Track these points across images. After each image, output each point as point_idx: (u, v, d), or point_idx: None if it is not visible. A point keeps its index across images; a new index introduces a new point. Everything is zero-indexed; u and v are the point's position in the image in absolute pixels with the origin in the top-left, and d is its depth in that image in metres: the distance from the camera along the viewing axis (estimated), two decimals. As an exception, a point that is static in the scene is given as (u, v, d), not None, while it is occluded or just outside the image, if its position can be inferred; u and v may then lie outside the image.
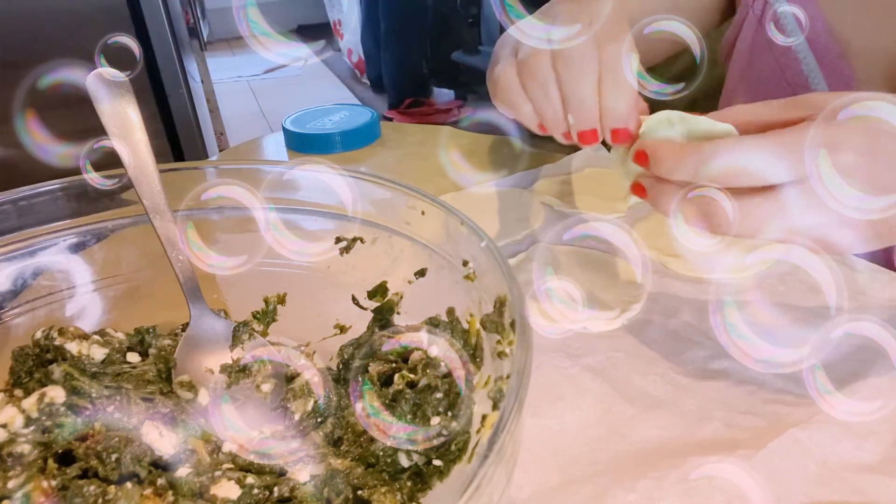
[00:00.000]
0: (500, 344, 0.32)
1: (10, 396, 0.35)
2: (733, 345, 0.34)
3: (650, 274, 0.52)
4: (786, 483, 0.35)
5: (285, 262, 0.39)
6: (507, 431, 0.24)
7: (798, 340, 0.33)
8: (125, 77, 0.35)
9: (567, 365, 0.44)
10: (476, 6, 2.86)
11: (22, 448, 0.31)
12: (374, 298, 0.40)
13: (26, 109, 0.35)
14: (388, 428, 0.30)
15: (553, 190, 0.67)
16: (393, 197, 0.38)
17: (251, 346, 0.38)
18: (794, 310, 0.48)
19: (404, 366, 0.36)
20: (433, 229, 0.37)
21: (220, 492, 0.29)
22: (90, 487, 0.29)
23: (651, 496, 0.35)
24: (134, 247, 0.41)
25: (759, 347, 0.34)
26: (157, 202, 0.35)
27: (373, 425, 0.31)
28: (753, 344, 0.34)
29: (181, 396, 0.35)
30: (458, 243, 0.35)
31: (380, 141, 0.83)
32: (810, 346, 0.33)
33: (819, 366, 0.34)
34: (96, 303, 0.41)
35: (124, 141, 0.34)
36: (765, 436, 0.38)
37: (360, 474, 0.30)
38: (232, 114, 2.23)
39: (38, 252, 0.39)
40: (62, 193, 0.39)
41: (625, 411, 0.41)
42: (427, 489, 0.30)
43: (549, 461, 0.38)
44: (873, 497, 0.34)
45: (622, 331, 0.48)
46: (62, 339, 0.36)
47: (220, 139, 1.84)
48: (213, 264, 0.36)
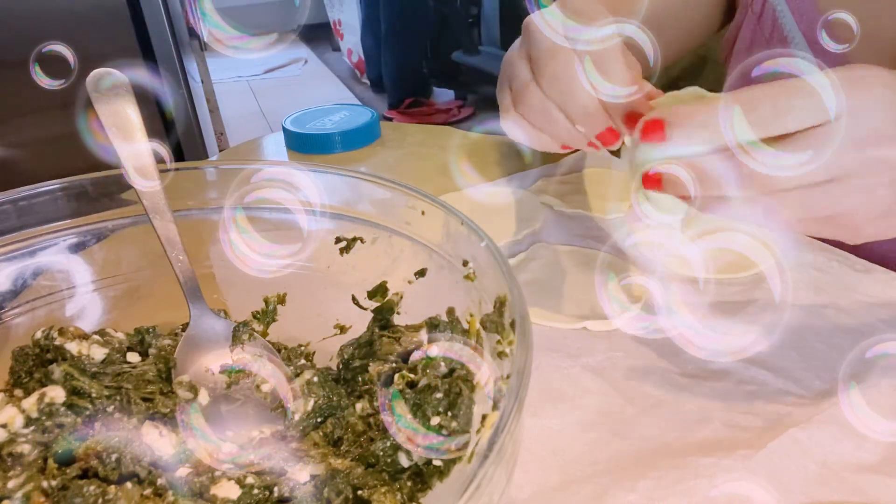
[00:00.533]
0: (500, 344, 0.32)
1: (10, 396, 0.35)
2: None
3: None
4: (786, 483, 0.35)
5: (285, 261, 0.39)
6: (507, 431, 0.24)
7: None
8: (125, 77, 0.35)
9: (567, 365, 0.44)
10: (476, 6, 2.86)
11: (22, 448, 0.31)
12: (374, 298, 0.40)
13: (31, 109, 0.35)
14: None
15: (553, 190, 0.67)
16: (393, 197, 0.38)
17: (251, 346, 0.38)
18: (792, 308, 0.48)
19: (404, 366, 0.36)
20: (433, 229, 0.37)
21: (220, 492, 0.29)
22: (90, 487, 0.29)
23: (651, 496, 0.35)
24: (134, 247, 0.41)
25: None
26: (157, 202, 0.35)
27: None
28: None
29: (181, 396, 0.35)
30: (458, 243, 0.35)
31: (380, 141, 0.83)
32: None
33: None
34: (96, 303, 0.41)
35: (124, 140, 0.34)
36: (765, 436, 0.38)
37: (360, 474, 0.30)
38: (232, 114, 2.23)
39: (38, 252, 0.39)
40: (62, 193, 0.39)
41: (625, 411, 0.41)
42: (427, 489, 0.30)
43: (549, 461, 0.38)
44: (873, 497, 0.34)
45: (622, 331, 0.48)
46: (62, 339, 0.36)
47: (220, 139, 1.84)
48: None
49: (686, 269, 0.53)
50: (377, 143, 0.83)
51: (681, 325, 0.34)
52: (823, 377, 0.42)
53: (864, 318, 0.47)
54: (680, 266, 0.54)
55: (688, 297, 0.50)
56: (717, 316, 0.48)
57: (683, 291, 0.51)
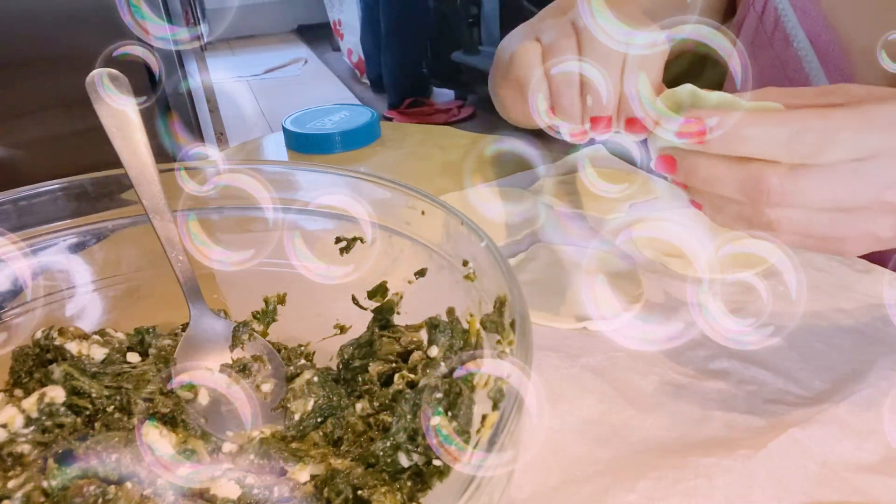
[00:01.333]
0: (500, 344, 0.32)
1: (10, 396, 0.35)
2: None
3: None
4: (786, 483, 0.35)
5: (285, 262, 0.39)
6: (506, 431, 0.24)
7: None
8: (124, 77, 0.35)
9: (567, 365, 0.44)
10: (476, 6, 2.86)
11: (22, 448, 0.31)
12: (374, 298, 0.40)
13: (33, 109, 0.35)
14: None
15: (553, 190, 0.67)
16: (393, 197, 0.38)
17: (251, 346, 0.38)
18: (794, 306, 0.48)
19: (404, 366, 0.36)
20: (433, 229, 0.37)
21: (220, 492, 0.29)
22: (90, 487, 0.29)
23: (651, 496, 0.35)
24: (134, 247, 0.41)
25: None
26: (156, 202, 0.35)
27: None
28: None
29: (181, 396, 0.35)
30: (458, 243, 0.35)
31: (380, 141, 0.83)
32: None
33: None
34: (96, 303, 0.41)
35: (124, 141, 0.34)
36: (765, 436, 0.38)
37: (360, 474, 0.30)
38: (232, 114, 2.23)
39: (38, 252, 0.39)
40: (62, 193, 0.39)
41: (625, 411, 0.41)
42: (427, 489, 0.30)
43: (549, 461, 0.38)
44: (873, 497, 0.34)
45: (622, 331, 0.48)
46: (62, 339, 0.36)
47: (220, 139, 1.84)
48: (216, 259, 0.36)
49: (689, 269, 0.53)
50: (377, 143, 0.83)
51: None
52: (823, 377, 0.42)
53: (864, 318, 0.47)
54: (681, 266, 0.54)
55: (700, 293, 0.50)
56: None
57: (684, 292, 0.51)
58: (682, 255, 0.54)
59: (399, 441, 0.31)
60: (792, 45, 0.56)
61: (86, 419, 0.34)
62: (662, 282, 0.52)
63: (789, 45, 0.56)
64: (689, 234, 0.37)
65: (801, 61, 0.56)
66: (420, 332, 0.37)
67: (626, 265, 0.54)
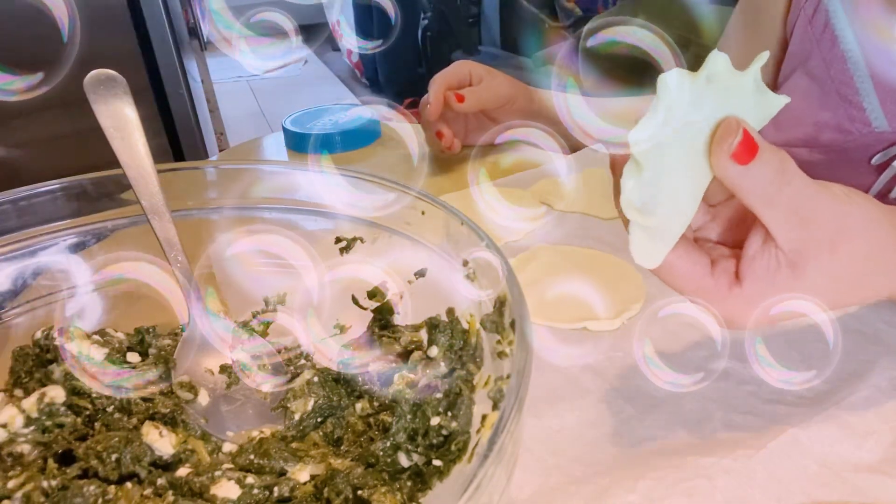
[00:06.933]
0: (500, 344, 0.32)
1: (10, 396, 0.35)
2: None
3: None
4: (786, 483, 0.35)
5: (285, 262, 0.39)
6: (506, 431, 0.24)
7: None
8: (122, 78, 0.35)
9: (567, 365, 0.44)
10: (476, 6, 2.86)
11: (22, 448, 0.31)
12: (373, 298, 0.40)
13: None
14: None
15: (553, 190, 0.67)
16: (393, 197, 0.38)
17: (251, 346, 0.38)
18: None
19: (404, 366, 0.36)
20: (433, 229, 0.37)
21: (220, 492, 0.29)
22: (90, 487, 0.29)
23: (651, 496, 0.35)
24: (134, 247, 0.41)
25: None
26: (155, 203, 0.35)
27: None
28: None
29: (181, 397, 0.35)
30: (458, 243, 0.35)
31: (380, 141, 0.83)
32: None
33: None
34: (96, 303, 0.41)
35: (122, 141, 0.34)
36: (765, 436, 0.38)
37: (360, 474, 0.30)
38: (232, 114, 2.23)
39: (38, 252, 0.39)
40: (62, 193, 0.39)
41: (625, 411, 0.41)
42: (427, 489, 0.30)
43: (549, 461, 0.38)
44: (873, 497, 0.34)
45: (622, 331, 0.48)
46: (62, 339, 0.36)
47: (220, 139, 1.84)
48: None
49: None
50: (377, 143, 0.83)
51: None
52: (823, 377, 0.42)
53: (864, 318, 0.47)
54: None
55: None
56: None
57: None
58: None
59: (399, 441, 0.31)
60: (838, 47, 0.56)
61: (86, 419, 0.34)
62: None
63: (836, 47, 0.56)
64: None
65: (846, 62, 0.56)
66: (420, 332, 0.37)
67: (624, 264, 0.54)
